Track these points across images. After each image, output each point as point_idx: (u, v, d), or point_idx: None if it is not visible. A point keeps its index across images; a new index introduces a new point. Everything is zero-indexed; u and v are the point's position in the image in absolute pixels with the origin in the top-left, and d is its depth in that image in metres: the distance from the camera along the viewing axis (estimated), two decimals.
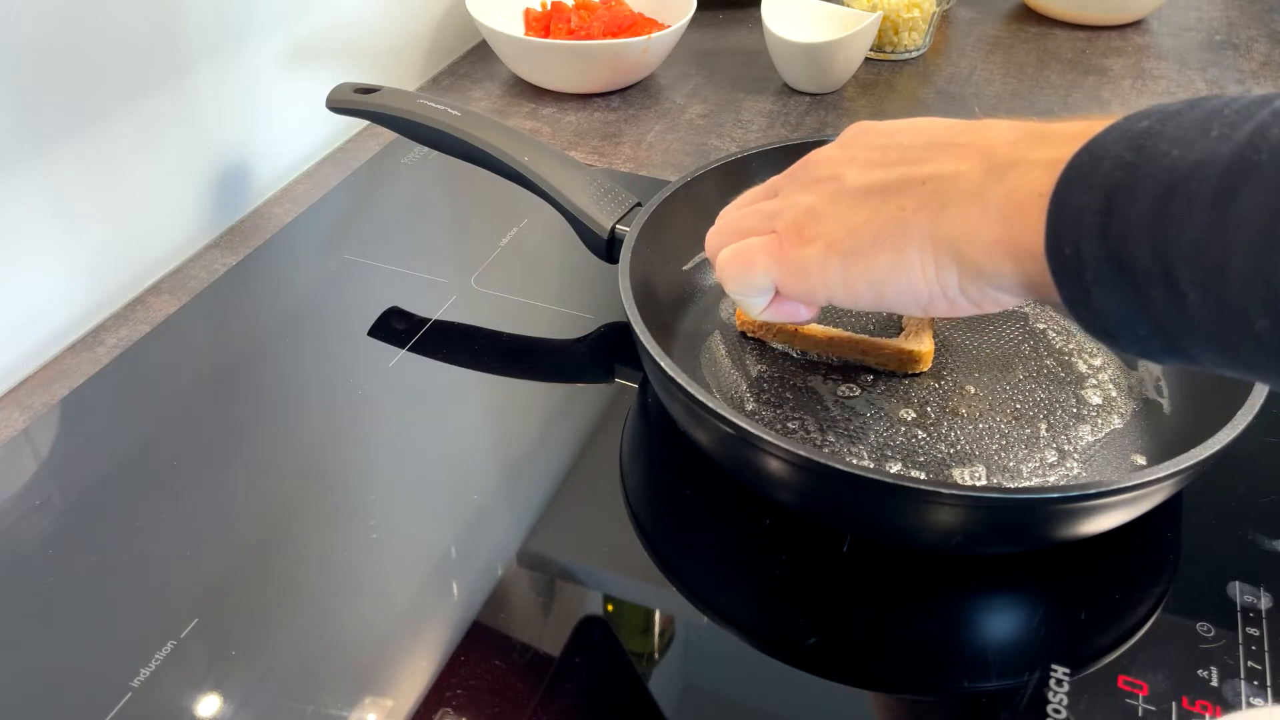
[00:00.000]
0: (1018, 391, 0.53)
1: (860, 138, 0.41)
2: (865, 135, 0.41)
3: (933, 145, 0.37)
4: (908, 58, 0.93)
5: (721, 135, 0.82)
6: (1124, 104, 0.85)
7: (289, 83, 0.74)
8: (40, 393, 0.57)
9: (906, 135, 0.39)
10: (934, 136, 0.38)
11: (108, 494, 0.50)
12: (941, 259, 0.35)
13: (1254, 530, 0.47)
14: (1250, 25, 1.00)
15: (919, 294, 0.36)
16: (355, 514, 0.49)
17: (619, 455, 0.52)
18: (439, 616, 0.44)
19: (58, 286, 0.59)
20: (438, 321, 0.61)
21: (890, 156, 0.39)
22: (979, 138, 0.36)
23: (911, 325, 0.55)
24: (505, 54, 0.86)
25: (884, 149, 0.39)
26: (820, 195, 0.40)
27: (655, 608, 0.46)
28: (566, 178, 0.59)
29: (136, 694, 0.41)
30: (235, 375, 0.57)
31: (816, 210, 0.39)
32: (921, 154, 0.37)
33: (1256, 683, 0.41)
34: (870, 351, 0.54)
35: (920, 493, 0.41)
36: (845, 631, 0.44)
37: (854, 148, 0.41)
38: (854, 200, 0.38)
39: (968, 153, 0.36)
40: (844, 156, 0.41)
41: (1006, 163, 0.33)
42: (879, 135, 0.41)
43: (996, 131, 0.36)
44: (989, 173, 0.34)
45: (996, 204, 0.33)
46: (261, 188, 0.74)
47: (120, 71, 0.60)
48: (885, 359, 0.54)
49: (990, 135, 0.36)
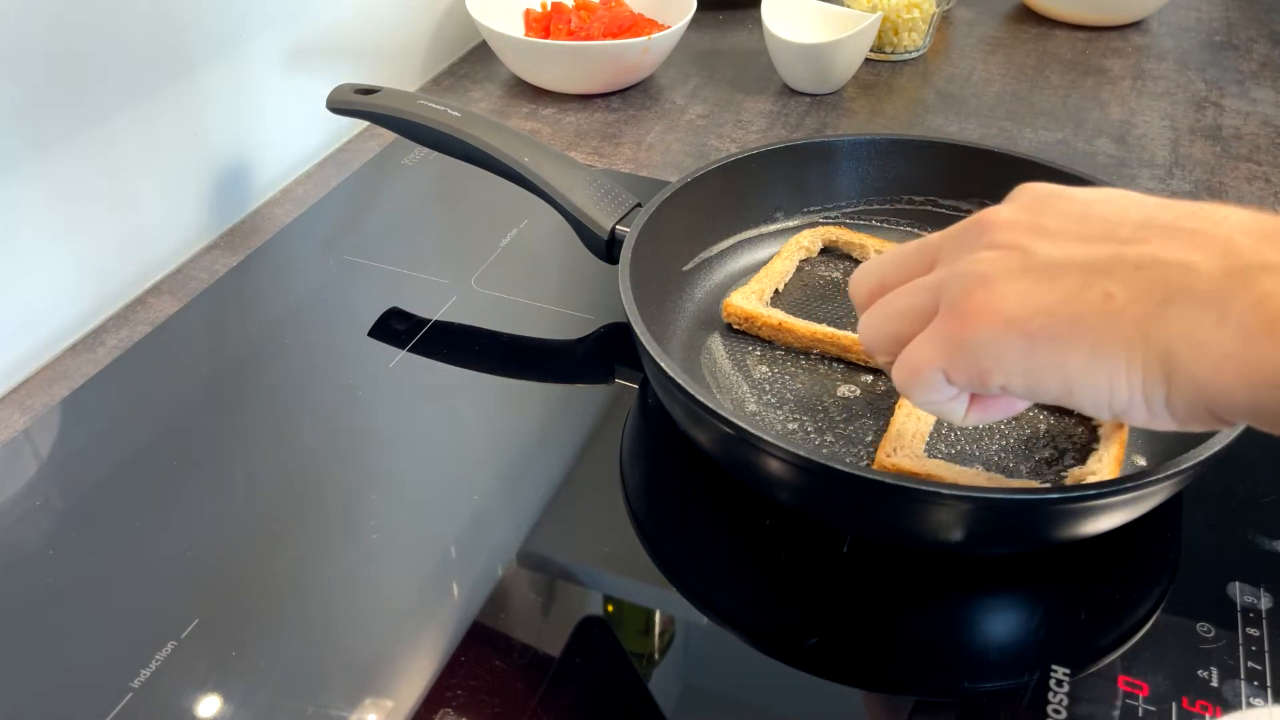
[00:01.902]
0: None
1: (1048, 203, 0.35)
2: (1055, 201, 0.35)
3: (1150, 226, 0.32)
4: (908, 58, 0.93)
5: (721, 136, 0.82)
6: (1124, 105, 0.85)
7: (289, 83, 0.74)
8: (40, 393, 0.57)
9: (1111, 208, 0.34)
10: (1149, 214, 0.32)
11: (108, 495, 0.50)
12: (1152, 365, 0.30)
13: (1254, 530, 0.47)
14: (1250, 26, 1.00)
15: (1117, 399, 0.31)
16: (355, 514, 0.49)
17: (619, 456, 0.52)
18: (439, 617, 0.44)
19: (58, 287, 0.59)
20: (438, 322, 0.61)
21: (1093, 230, 0.33)
22: (1211, 225, 0.31)
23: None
24: (505, 55, 0.86)
25: (1083, 219, 0.34)
26: (999, 266, 0.33)
27: (655, 608, 0.46)
28: (566, 178, 0.59)
29: (137, 694, 0.41)
30: (235, 376, 0.57)
31: (993, 283, 0.33)
32: (1135, 233, 0.32)
33: (1257, 683, 0.41)
34: (853, 348, 0.54)
35: (920, 493, 0.41)
36: (845, 631, 0.44)
37: (1042, 214, 0.35)
38: (1045, 277, 0.32)
39: (1199, 242, 0.30)
40: (1028, 222, 0.34)
41: (1255, 265, 0.28)
42: (1073, 202, 0.35)
43: (1233, 220, 0.30)
44: (1231, 274, 0.28)
45: (1239, 315, 0.28)
46: (262, 188, 0.74)
47: (121, 72, 0.60)
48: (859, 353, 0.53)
49: (1227, 225, 0.30)
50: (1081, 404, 0.32)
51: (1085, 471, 0.47)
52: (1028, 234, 0.34)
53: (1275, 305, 0.27)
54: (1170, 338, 0.29)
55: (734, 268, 0.61)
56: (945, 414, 0.37)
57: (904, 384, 0.36)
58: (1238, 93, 0.87)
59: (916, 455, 0.48)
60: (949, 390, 0.35)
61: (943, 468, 0.47)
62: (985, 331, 0.33)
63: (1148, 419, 0.31)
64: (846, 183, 0.64)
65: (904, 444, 0.48)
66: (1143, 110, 0.85)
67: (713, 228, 0.61)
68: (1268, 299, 0.27)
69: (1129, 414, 0.31)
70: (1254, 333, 0.27)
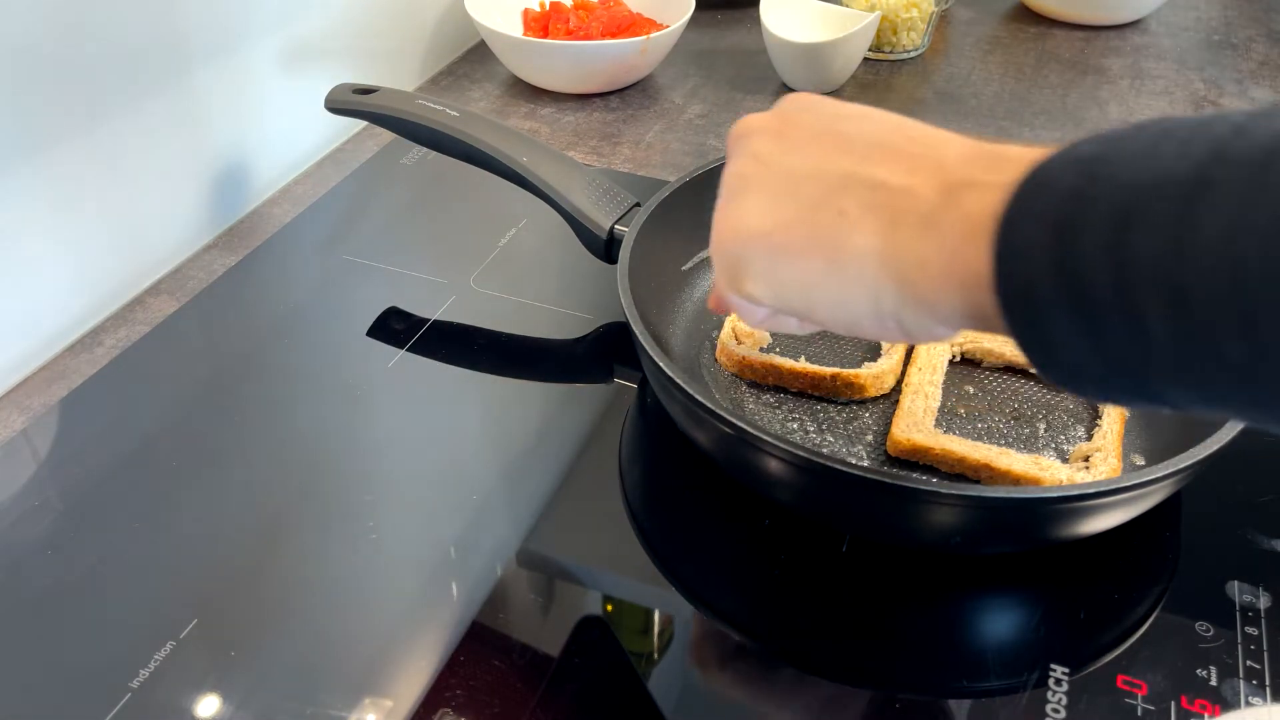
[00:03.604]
0: (1016, 392, 0.53)
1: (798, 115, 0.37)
2: (804, 112, 0.37)
3: (882, 145, 0.34)
4: (906, 58, 0.93)
5: (720, 135, 0.82)
6: (1122, 104, 0.85)
7: (288, 83, 0.74)
8: (39, 393, 0.57)
9: (853, 124, 0.35)
10: (882, 134, 0.34)
11: (106, 495, 0.50)
12: (883, 281, 0.32)
13: (1253, 530, 0.47)
14: (1248, 25, 1.00)
15: (854, 312, 0.33)
16: (354, 514, 0.48)
17: (618, 455, 0.52)
18: (438, 617, 0.44)
19: (57, 287, 0.59)
20: (437, 322, 0.61)
21: (830, 144, 0.35)
22: (931, 149, 0.33)
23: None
24: (504, 54, 0.86)
25: (825, 134, 0.35)
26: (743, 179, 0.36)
27: (654, 608, 0.46)
28: (565, 178, 0.59)
29: (135, 695, 0.41)
30: (234, 376, 0.57)
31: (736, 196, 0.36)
32: (869, 152, 0.34)
33: (1255, 682, 0.41)
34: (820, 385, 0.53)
35: (920, 493, 0.41)
36: (845, 631, 0.44)
37: (789, 123, 0.36)
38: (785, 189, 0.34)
39: (919, 165, 0.32)
40: (776, 129, 0.36)
41: (961, 182, 0.31)
42: (820, 116, 0.36)
43: (949, 145, 0.33)
44: (944, 193, 0.31)
45: (949, 228, 0.30)
46: (260, 188, 0.74)
47: (120, 72, 0.60)
48: (839, 389, 0.52)
49: (943, 149, 0.32)
50: (824, 318, 0.34)
51: (1090, 447, 0.48)
52: (774, 141, 0.36)
53: (976, 216, 0.29)
54: (901, 258, 0.31)
55: None
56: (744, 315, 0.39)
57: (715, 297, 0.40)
58: (1236, 92, 0.87)
59: (929, 431, 0.49)
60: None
61: (955, 442, 0.48)
62: (730, 244, 0.35)
63: (878, 330, 0.33)
64: None
65: (915, 420, 0.50)
66: (1141, 109, 0.85)
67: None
68: (971, 210, 0.29)
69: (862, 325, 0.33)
70: (960, 241, 0.29)
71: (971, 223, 0.29)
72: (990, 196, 0.29)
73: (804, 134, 0.36)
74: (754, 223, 0.35)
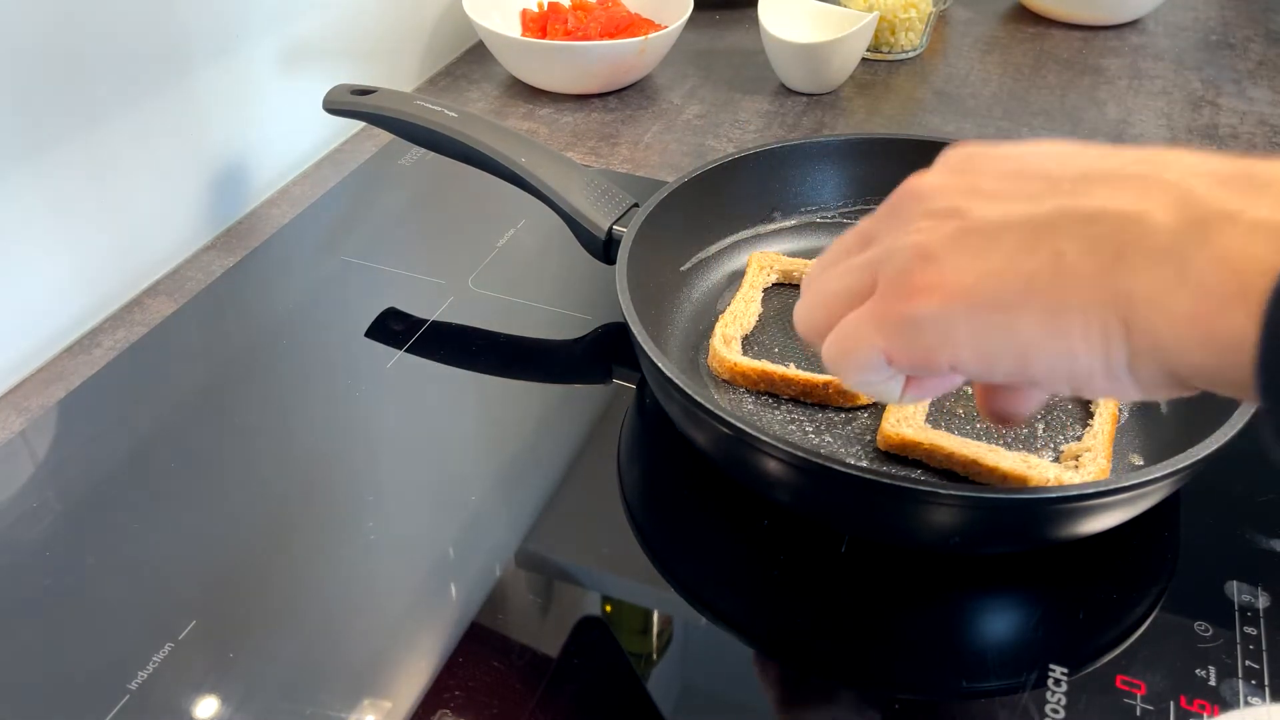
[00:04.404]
0: None
1: (979, 161, 0.32)
2: (986, 159, 0.32)
3: (1093, 176, 0.29)
4: (904, 58, 0.93)
5: (719, 136, 0.82)
6: (1120, 104, 0.85)
7: (286, 84, 0.74)
8: (37, 395, 0.57)
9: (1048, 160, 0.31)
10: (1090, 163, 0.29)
11: (105, 496, 0.50)
12: (1111, 325, 0.27)
13: (1252, 530, 0.47)
14: (1246, 25, 1.00)
15: (1078, 366, 0.28)
16: (353, 515, 0.48)
17: (617, 456, 0.52)
18: (437, 617, 0.44)
19: (54, 288, 0.59)
20: (435, 322, 0.61)
21: (1032, 186, 0.30)
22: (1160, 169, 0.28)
23: None
24: (502, 55, 0.86)
25: (1020, 175, 0.30)
26: (936, 236, 0.31)
27: (653, 608, 0.45)
28: (563, 179, 0.59)
29: (134, 696, 0.41)
30: (232, 377, 0.57)
31: (930, 252, 0.30)
32: (1079, 185, 0.29)
33: (1254, 682, 0.41)
34: (818, 392, 0.52)
35: (919, 493, 0.41)
36: (844, 631, 0.44)
37: (974, 174, 0.32)
38: (987, 241, 0.29)
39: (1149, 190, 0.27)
40: (962, 185, 0.31)
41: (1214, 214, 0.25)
42: (1006, 158, 0.32)
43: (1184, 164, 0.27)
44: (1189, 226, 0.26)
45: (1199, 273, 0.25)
46: (258, 189, 0.74)
47: (117, 73, 0.60)
48: (831, 396, 0.52)
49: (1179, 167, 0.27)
50: (1039, 375, 0.29)
51: (1080, 447, 0.48)
52: (963, 196, 0.31)
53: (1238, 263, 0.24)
54: (1129, 296, 0.27)
55: (731, 267, 0.61)
56: (881, 395, 0.34)
57: (835, 360, 0.33)
58: (1234, 92, 0.87)
59: (919, 426, 0.49)
60: (886, 370, 0.32)
61: (944, 438, 0.48)
62: (928, 308, 0.30)
63: (1109, 387, 0.28)
64: (844, 182, 0.64)
65: (905, 415, 0.49)
66: (1139, 109, 0.85)
67: (710, 227, 0.61)
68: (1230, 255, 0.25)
69: (1091, 383, 0.29)
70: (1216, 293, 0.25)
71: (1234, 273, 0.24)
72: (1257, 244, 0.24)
73: (994, 180, 0.31)
74: (955, 281, 0.29)
